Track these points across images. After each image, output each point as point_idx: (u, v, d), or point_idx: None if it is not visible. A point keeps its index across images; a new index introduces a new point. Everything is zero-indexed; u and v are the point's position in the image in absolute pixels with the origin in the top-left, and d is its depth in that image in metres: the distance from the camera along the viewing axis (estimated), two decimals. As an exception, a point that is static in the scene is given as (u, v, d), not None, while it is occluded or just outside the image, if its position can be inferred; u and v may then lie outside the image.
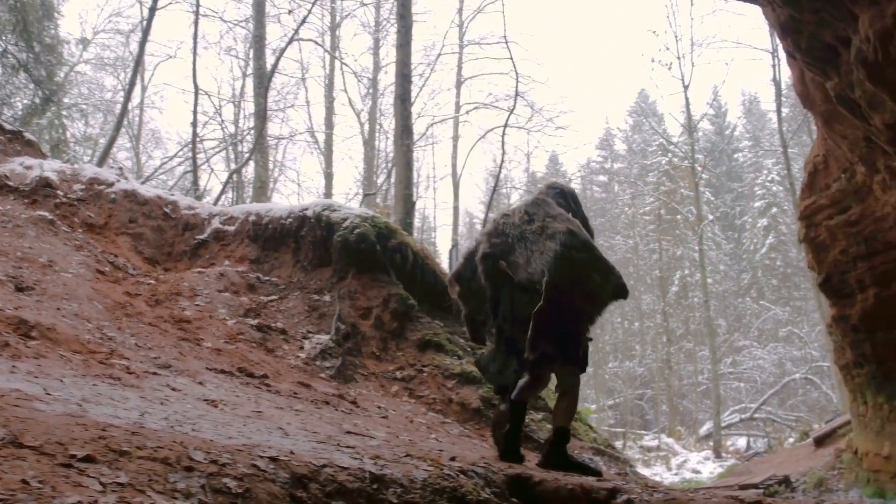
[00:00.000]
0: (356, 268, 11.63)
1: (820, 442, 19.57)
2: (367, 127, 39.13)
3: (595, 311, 6.59)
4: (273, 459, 3.83)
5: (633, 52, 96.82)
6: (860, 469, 13.57)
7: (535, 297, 6.14)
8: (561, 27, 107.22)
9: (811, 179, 12.97)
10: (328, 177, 38.44)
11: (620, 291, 6.51)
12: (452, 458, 5.49)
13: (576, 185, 71.78)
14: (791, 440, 30.32)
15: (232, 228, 12.62)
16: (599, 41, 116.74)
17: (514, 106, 27.76)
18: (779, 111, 35.75)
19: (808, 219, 13.10)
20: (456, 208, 40.28)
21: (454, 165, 40.18)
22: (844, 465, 15.21)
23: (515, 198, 58.92)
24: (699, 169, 41.63)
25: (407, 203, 17.35)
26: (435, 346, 11.01)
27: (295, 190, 43.74)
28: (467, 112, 39.56)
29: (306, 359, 9.88)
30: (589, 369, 7.18)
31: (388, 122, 37.02)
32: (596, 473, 6.43)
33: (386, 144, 38.70)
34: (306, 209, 12.39)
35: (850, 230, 12.16)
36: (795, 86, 10.65)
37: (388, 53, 37.49)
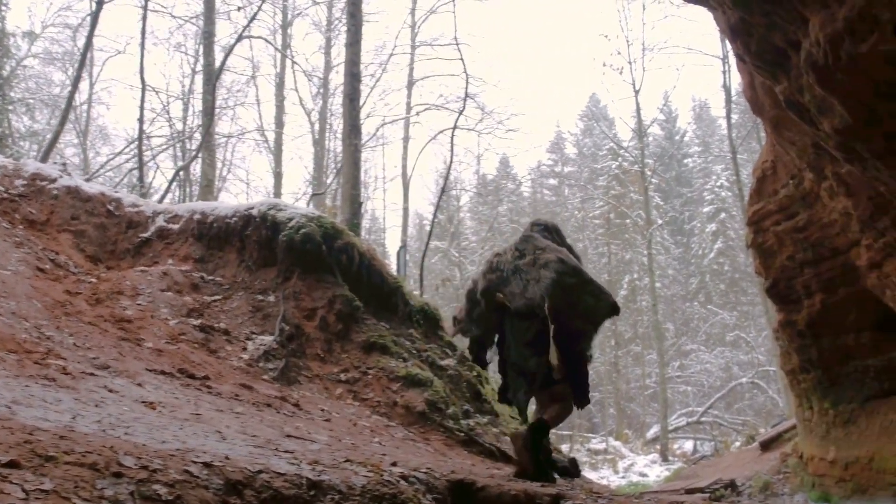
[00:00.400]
0: (301, 268, 11.51)
1: (766, 446, 19.69)
2: (317, 126, 39.03)
3: (591, 331, 7.26)
4: (207, 465, 3.73)
5: (585, 55, 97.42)
6: (805, 473, 13.64)
7: (535, 321, 6.84)
8: (513, 30, 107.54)
9: (759, 185, 13.00)
10: (277, 176, 38.24)
11: (613, 310, 7.18)
12: (394, 464, 5.42)
13: (525, 189, 72.40)
14: (737, 444, 30.56)
15: (176, 227, 12.45)
16: (552, 44, 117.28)
17: (464, 107, 27.74)
18: (728, 117, 35.99)
19: (756, 224, 13.13)
20: (405, 209, 40.38)
21: (404, 167, 40.29)
22: (790, 469, 15.30)
23: (465, 200, 59.16)
24: (649, 173, 41.93)
25: (354, 203, 17.24)
26: (380, 349, 10.93)
27: (243, 189, 43.50)
28: (417, 113, 39.62)
29: (249, 360, 9.76)
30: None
31: (339, 122, 36.77)
32: (551, 480, 6.75)
33: (335, 144, 38.56)
34: (252, 208, 12.25)
35: (798, 236, 12.20)
36: (745, 91, 10.67)
37: (340, 53, 37.27)
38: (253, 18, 26.95)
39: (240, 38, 26.76)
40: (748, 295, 56.24)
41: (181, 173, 27.93)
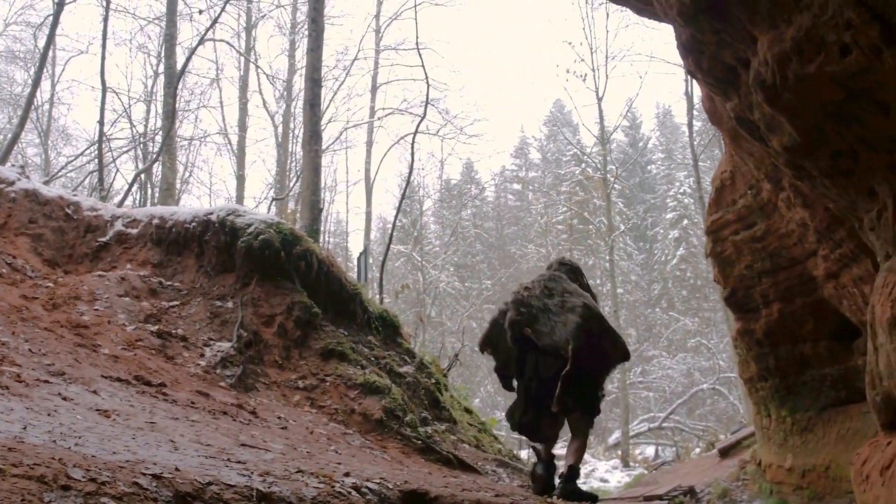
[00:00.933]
0: (260, 274, 11.47)
1: (725, 453, 19.83)
2: (280, 130, 38.86)
3: (606, 371, 8.30)
4: (157, 477, 3.71)
5: (549, 61, 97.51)
6: (763, 480, 13.77)
7: (558, 360, 7.55)
8: (479, 36, 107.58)
9: (718, 195, 13.10)
10: (240, 179, 37.98)
11: (626, 355, 8.27)
12: (347, 474, 5.41)
13: (489, 193, 72.39)
14: (698, 450, 30.67)
15: (135, 231, 12.36)
16: (517, 50, 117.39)
17: (425, 113, 27.65)
18: (690, 125, 36.05)
19: (715, 234, 13.24)
20: (368, 213, 40.31)
21: (367, 170, 40.25)
22: (748, 476, 15.43)
23: (429, 204, 59.08)
24: (612, 179, 42.01)
25: (314, 209, 17.10)
26: (338, 356, 10.90)
27: (205, 192, 43.25)
28: (379, 119, 39.64)
29: (206, 367, 9.70)
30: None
31: (302, 126, 36.77)
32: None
33: (299, 148, 38.37)
34: (211, 213, 12.17)
35: (756, 246, 12.31)
36: (704, 102, 10.73)
37: (304, 56, 37.19)
38: (215, 21, 26.84)
39: (202, 41, 26.64)
40: (710, 301, 56.50)
41: (142, 176, 27.73)
